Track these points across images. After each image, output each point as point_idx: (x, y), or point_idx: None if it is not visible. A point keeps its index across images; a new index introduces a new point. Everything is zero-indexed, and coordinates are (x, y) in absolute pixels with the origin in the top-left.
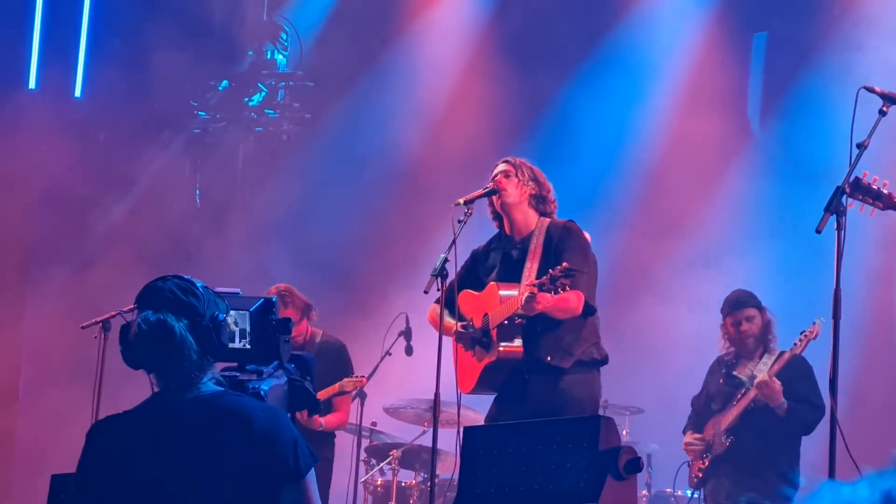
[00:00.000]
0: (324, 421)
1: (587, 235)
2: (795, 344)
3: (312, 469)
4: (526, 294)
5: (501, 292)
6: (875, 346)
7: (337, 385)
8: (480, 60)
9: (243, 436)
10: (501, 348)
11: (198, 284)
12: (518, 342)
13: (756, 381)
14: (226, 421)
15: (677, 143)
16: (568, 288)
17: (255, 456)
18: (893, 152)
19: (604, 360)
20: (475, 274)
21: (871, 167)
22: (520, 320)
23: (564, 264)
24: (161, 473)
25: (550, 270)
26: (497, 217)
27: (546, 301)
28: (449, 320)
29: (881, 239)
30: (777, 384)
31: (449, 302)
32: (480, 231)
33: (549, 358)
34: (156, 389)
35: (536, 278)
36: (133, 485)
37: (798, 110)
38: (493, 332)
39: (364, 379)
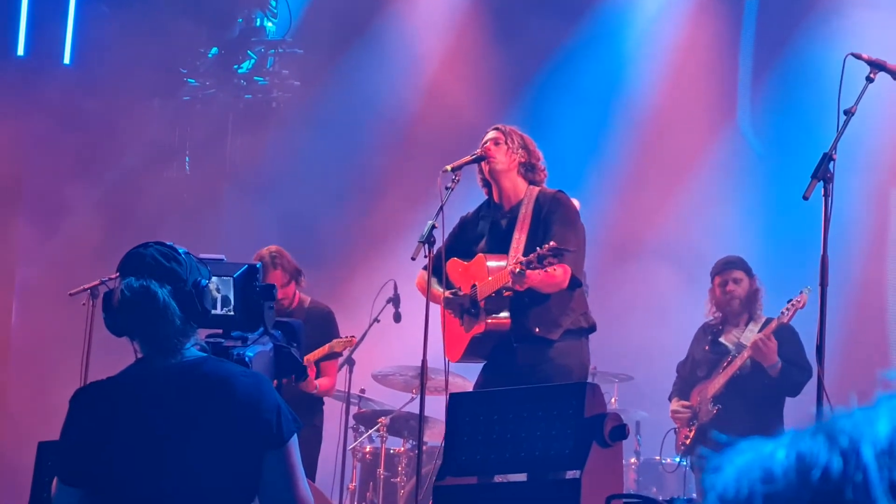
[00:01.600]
0: (318, 384)
1: (576, 203)
2: (783, 312)
3: (295, 435)
4: (516, 270)
5: (490, 263)
6: (863, 314)
7: (327, 346)
8: (470, 28)
9: (226, 402)
10: (490, 320)
11: (180, 250)
12: (505, 314)
13: (751, 340)
14: (209, 387)
15: (668, 108)
16: (554, 265)
17: (239, 422)
18: (880, 119)
19: (591, 328)
20: (463, 241)
21: (859, 134)
22: (508, 293)
23: (552, 243)
24: (144, 439)
25: (538, 249)
26: (486, 184)
27: (533, 277)
28: (437, 288)
29: (871, 208)
30: (773, 343)
31: (437, 269)
32: (469, 197)
33: (536, 329)
34: (139, 356)
35: (525, 249)
36: (116, 451)
37: (787, 77)
38: (482, 304)
39: (354, 339)
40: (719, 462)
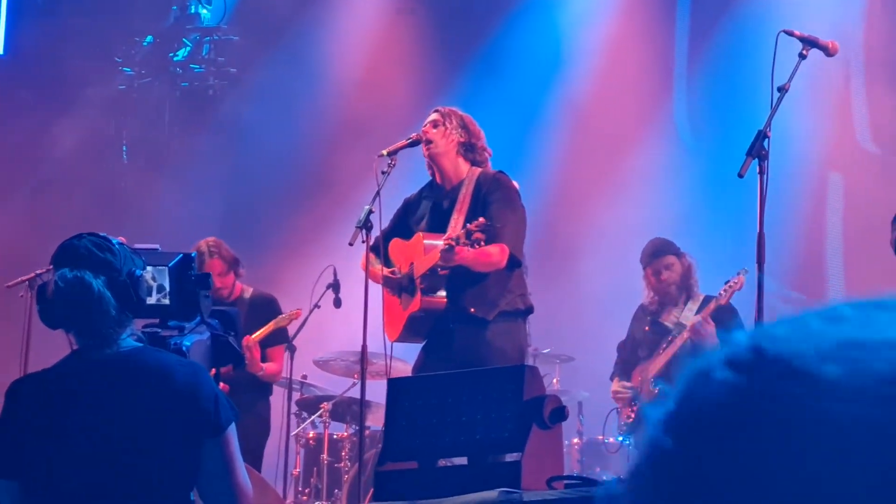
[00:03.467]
0: (264, 366)
1: (516, 185)
2: (720, 294)
3: (233, 424)
4: (445, 246)
5: (426, 242)
6: (801, 292)
7: (272, 322)
8: (405, 13)
9: (164, 391)
10: (425, 299)
11: (113, 241)
12: (442, 293)
13: (690, 322)
14: (145, 377)
15: (604, 90)
16: (483, 243)
17: (176, 411)
18: (815, 95)
19: (528, 310)
20: (406, 222)
21: (792, 110)
22: (444, 271)
23: (481, 220)
24: (80, 431)
25: (468, 225)
26: (431, 166)
27: (464, 254)
28: (376, 266)
29: (810, 185)
30: (711, 325)
31: (380, 250)
32: (406, 182)
33: (472, 309)
34: (74, 348)
35: (462, 229)
36: (53, 443)
37: (721, 55)
38: (418, 282)
39: (299, 311)
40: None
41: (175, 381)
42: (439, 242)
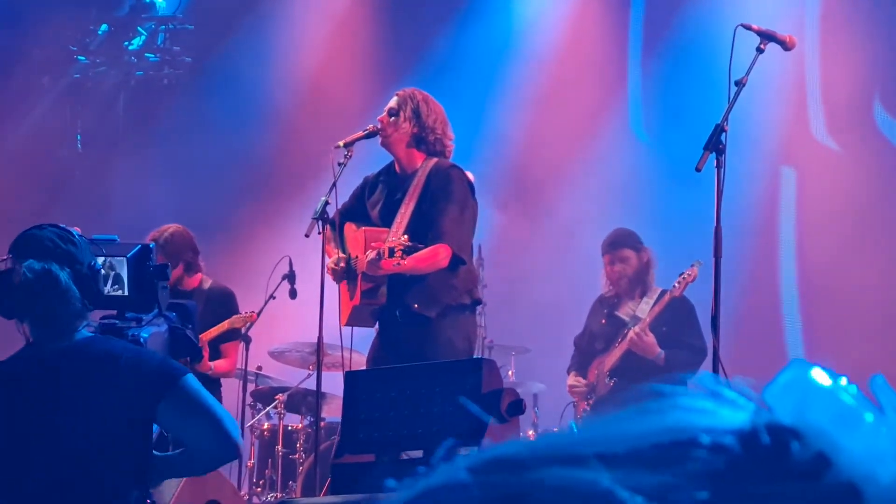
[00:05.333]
0: (213, 365)
1: (471, 177)
2: (674, 286)
3: (189, 374)
4: (372, 256)
5: (367, 237)
6: (756, 285)
7: (227, 322)
8: (361, 3)
9: (112, 373)
10: (364, 299)
11: (74, 232)
12: (383, 289)
13: (628, 336)
14: (95, 365)
15: (559, 83)
16: (403, 262)
17: (125, 385)
18: (771, 89)
19: (476, 303)
20: (362, 203)
21: (750, 104)
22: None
23: (405, 238)
24: (32, 424)
25: (395, 239)
26: None
27: (389, 267)
28: (333, 248)
29: (762, 182)
30: (649, 338)
31: (340, 227)
32: (363, 173)
33: (416, 306)
34: (30, 339)
35: (408, 222)
36: (8, 436)
37: (678, 48)
38: (359, 277)
39: (254, 314)
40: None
41: (121, 361)
42: (383, 238)
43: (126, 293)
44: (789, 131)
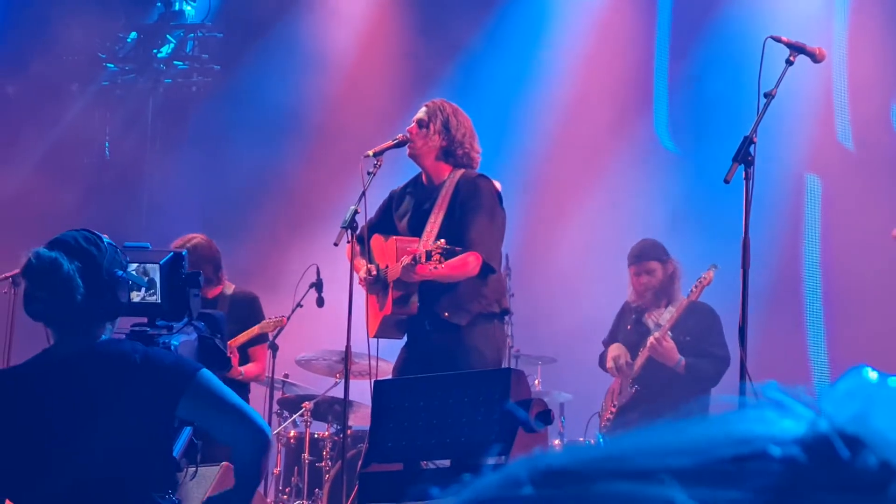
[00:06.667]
0: (243, 370)
1: (498, 186)
2: (691, 291)
3: (204, 370)
4: (407, 262)
5: (399, 246)
6: (780, 296)
7: (257, 326)
8: (388, 13)
9: (128, 373)
10: (395, 307)
11: (104, 239)
12: (414, 299)
13: (648, 342)
14: (110, 366)
15: (587, 88)
16: (439, 266)
17: (143, 384)
18: (800, 102)
19: (504, 312)
20: (390, 216)
21: (779, 117)
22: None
23: (442, 242)
24: (44, 430)
25: (433, 243)
26: None
27: (424, 272)
28: (361, 261)
29: (787, 191)
30: (668, 343)
31: (364, 241)
32: (392, 183)
33: (446, 314)
34: (50, 342)
35: (438, 233)
36: (16, 442)
37: (707, 59)
38: (391, 286)
39: (284, 319)
40: None
41: (134, 359)
42: (414, 245)
43: (159, 300)
44: (816, 139)
